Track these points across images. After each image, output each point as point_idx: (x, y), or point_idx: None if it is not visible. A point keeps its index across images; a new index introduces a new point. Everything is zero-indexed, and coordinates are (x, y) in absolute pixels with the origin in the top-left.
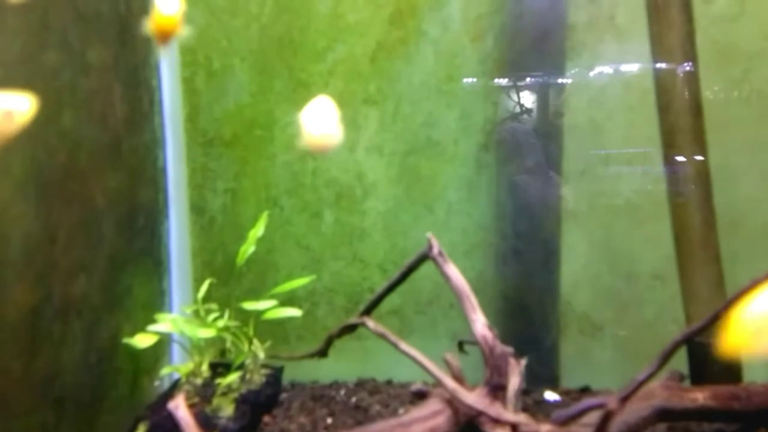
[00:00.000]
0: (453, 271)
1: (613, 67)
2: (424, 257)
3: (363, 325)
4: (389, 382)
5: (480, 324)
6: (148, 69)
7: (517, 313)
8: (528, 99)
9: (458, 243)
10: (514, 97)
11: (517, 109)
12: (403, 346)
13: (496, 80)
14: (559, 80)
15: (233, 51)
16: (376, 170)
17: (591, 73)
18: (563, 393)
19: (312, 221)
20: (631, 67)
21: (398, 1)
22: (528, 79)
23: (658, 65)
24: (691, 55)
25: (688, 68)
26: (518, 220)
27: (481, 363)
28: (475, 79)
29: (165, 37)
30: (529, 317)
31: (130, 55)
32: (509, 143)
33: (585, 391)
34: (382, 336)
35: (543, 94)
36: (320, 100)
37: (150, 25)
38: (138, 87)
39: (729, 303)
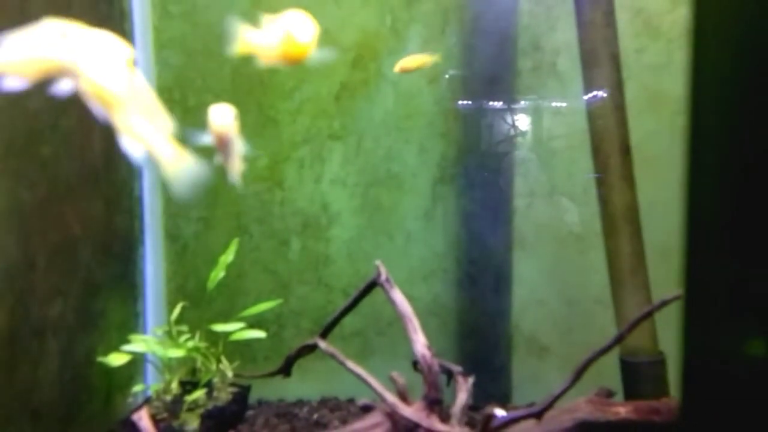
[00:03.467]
0: (398, 296)
1: (555, 108)
2: (373, 284)
3: (316, 345)
4: (351, 401)
5: (420, 344)
6: None
7: (471, 335)
8: (480, 137)
9: (417, 269)
10: (468, 134)
11: (471, 146)
12: (350, 364)
13: (451, 119)
14: (508, 120)
15: (207, 89)
16: (340, 201)
17: (536, 114)
18: (512, 409)
19: (280, 248)
20: (572, 109)
21: (360, 46)
22: (480, 119)
23: (591, 109)
24: (619, 100)
25: (617, 113)
26: (472, 249)
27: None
28: (431, 118)
29: (294, 62)
30: (482, 339)
31: None
32: (463, 177)
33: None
34: (331, 356)
35: (493, 132)
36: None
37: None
38: None
39: (630, 327)
